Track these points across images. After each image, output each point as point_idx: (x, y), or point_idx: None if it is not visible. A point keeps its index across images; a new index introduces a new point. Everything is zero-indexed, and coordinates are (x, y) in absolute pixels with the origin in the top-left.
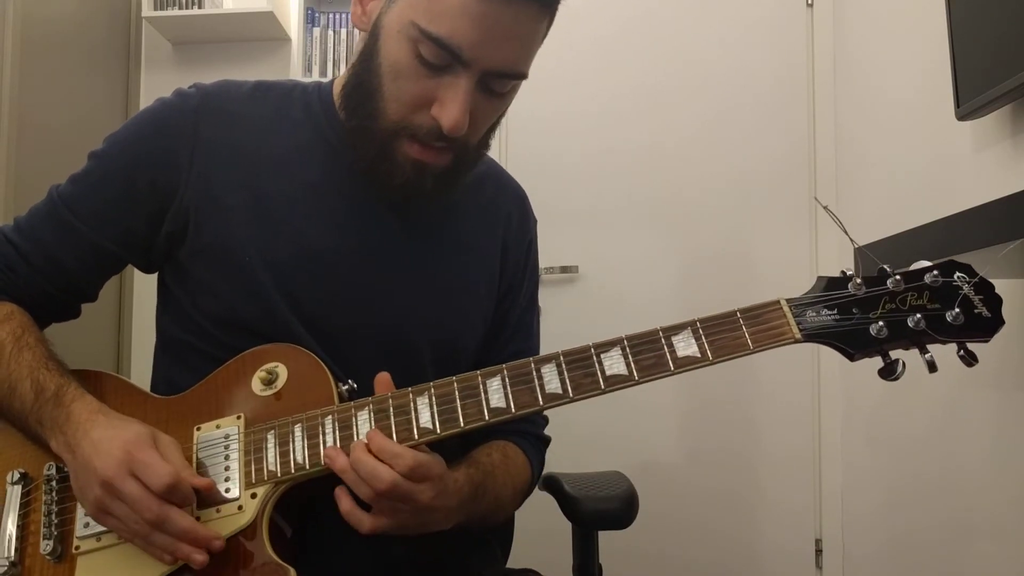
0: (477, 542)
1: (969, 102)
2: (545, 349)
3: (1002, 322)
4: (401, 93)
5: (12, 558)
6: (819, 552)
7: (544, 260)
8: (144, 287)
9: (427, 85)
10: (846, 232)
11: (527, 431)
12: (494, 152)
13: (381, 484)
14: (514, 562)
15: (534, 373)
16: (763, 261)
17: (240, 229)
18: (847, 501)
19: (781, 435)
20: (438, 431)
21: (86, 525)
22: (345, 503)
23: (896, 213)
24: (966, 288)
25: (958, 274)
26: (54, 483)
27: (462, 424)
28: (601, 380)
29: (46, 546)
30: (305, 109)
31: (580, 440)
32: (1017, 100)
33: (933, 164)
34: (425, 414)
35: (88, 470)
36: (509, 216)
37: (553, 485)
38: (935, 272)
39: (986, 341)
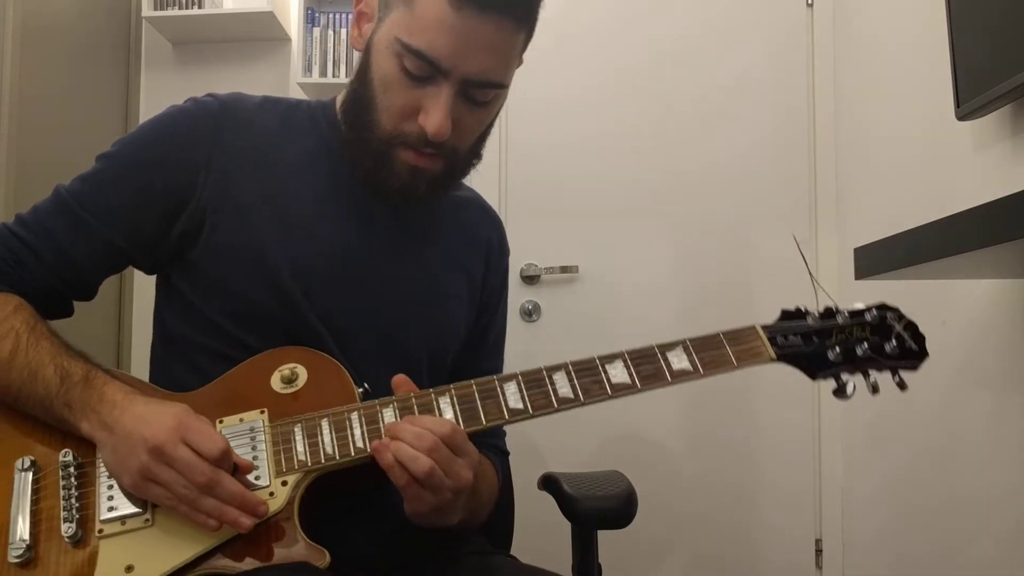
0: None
1: (969, 102)
2: (545, 348)
3: (926, 354)
4: (391, 104)
5: (27, 541)
6: (819, 552)
7: (544, 260)
8: (144, 284)
9: (413, 95)
10: (812, 274)
11: (491, 444)
12: (495, 155)
13: (425, 442)
14: None
15: (547, 379)
16: (763, 261)
17: (259, 227)
18: (847, 501)
19: (781, 436)
20: (462, 427)
21: (111, 509)
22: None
23: (896, 213)
24: (898, 326)
25: (890, 314)
26: (72, 468)
27: (484, 421)
28: (608, 387)
29: (68, 529)
30: (311, 120)
31: (580, 439)
32: (1017, 100)
33: (933, 164)
34: (448, 412)
35: (133, 440)
36: (490, 240)
37: (552, 485)
38: (873, 311)
39: (915, 370)
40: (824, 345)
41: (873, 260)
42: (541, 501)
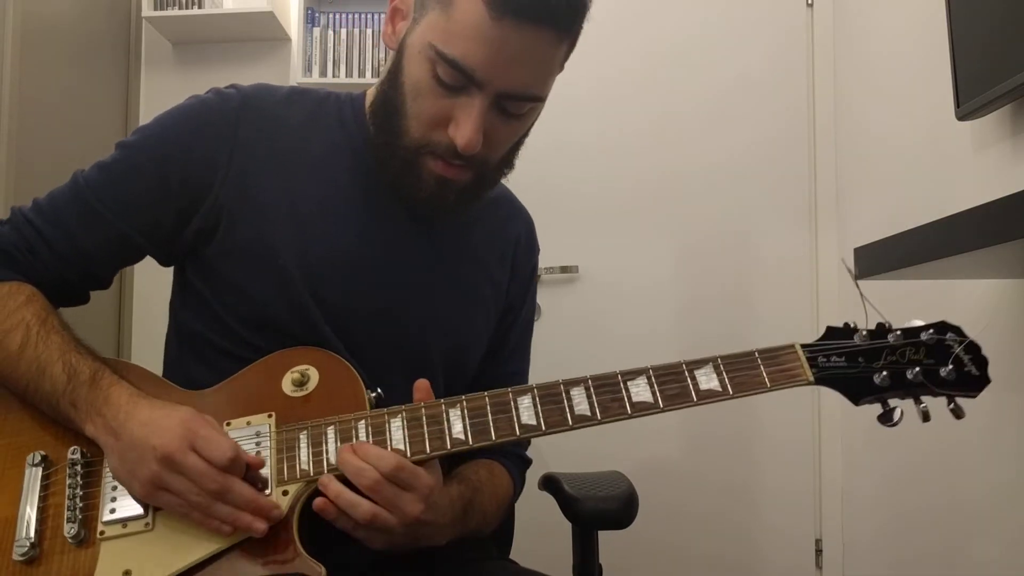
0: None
1: (969, 102)
2: (545, 347)
3: (988, 380)
4: (420, 111)
5: (32, 539)
6: (819, 552)
7: (544, 260)
8: (146, 273)
9: (444, 105)
10: (861, 292)
11: (510, 451)
12: None
13: (365, 479)
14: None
15: (563, 394)
16: (763, 261)
17: (275, 229)
18: (847, 501)
19: (781, 436)
20: (470, 442)
21: (112, 511)
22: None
23: (896, 213)
24: (957, 348)
25: (950, 334)
26: (79, 467)
27: (493, 437)
28: (628, 405)
29: (70, 529)
30: (338, 115)
31: (580, 440)
32: (1017, 100)
33: (933, 164)
34: (457, 425)
35: (142, 448)
36: (518, 239)
37: (553, 485)
38: (931, 331)
39: (973, 397)
40: (871, 368)
41: (873, 260)
42: (542, 501)
